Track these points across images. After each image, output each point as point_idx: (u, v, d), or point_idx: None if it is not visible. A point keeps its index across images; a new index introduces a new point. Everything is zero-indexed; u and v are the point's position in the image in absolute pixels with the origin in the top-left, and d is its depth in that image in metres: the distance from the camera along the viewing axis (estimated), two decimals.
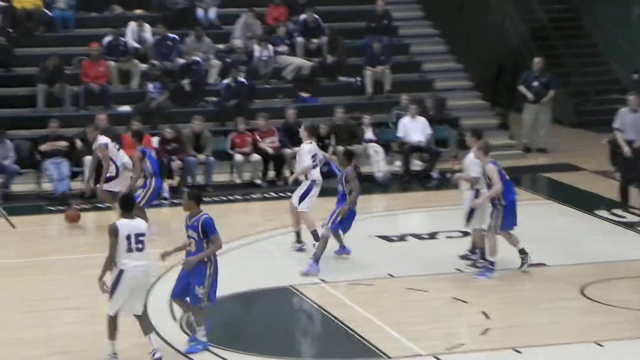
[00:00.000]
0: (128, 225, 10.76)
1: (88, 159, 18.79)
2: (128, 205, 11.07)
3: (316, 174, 15.15)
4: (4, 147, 18.99)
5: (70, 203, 18.27)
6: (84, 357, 11.17)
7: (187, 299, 11.32)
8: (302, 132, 15.61)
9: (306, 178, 15.18)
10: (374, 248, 15.69)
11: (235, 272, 13.64)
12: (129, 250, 10.68)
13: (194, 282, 11.10)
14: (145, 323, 10.99)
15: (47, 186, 19.37)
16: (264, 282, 13.92)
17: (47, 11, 23.75)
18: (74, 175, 19.37)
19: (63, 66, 22.05)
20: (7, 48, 22.43)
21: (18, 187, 19.39)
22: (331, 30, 24.04)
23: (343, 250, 14.99)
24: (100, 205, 18.05)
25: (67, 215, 17.37)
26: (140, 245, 10.74)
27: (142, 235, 10.81)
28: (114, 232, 10.67)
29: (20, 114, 21.90)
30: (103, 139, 17.10)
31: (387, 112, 22.35)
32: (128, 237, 10.68)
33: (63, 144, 19.45)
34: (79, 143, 19.40)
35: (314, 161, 15.12)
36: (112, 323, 10.79)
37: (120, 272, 10.68)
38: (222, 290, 11.61)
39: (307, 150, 15.15)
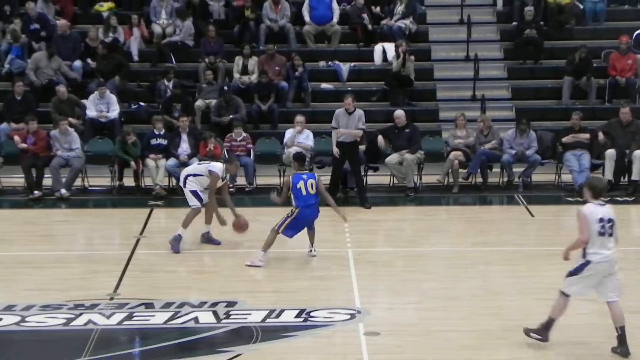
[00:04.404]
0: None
1: (610, 152, 18.79)
2: None
3: None
4: (528, 138, 19.51)
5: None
6: (599, 349, 11.19)
7: None
8: None
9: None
10: None
11: None
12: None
13: None
14: None
15: (566, 177, 19.60)
16: None
17: (578, 4, 24.03)
18: (593, 168, 19.42)
19: (591, 59, 22.18)
20: (537, 41, 23.03)
21: (539, 177, 19.89)
22: None
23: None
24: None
25: (234, 224, 15.22)
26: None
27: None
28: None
29: (546, 105, 22.47)
30: None
31: None
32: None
33: (585, 136, 19.54)
34: (601, 136, 19.39)
35: None
36: None
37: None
38: None
39: None
